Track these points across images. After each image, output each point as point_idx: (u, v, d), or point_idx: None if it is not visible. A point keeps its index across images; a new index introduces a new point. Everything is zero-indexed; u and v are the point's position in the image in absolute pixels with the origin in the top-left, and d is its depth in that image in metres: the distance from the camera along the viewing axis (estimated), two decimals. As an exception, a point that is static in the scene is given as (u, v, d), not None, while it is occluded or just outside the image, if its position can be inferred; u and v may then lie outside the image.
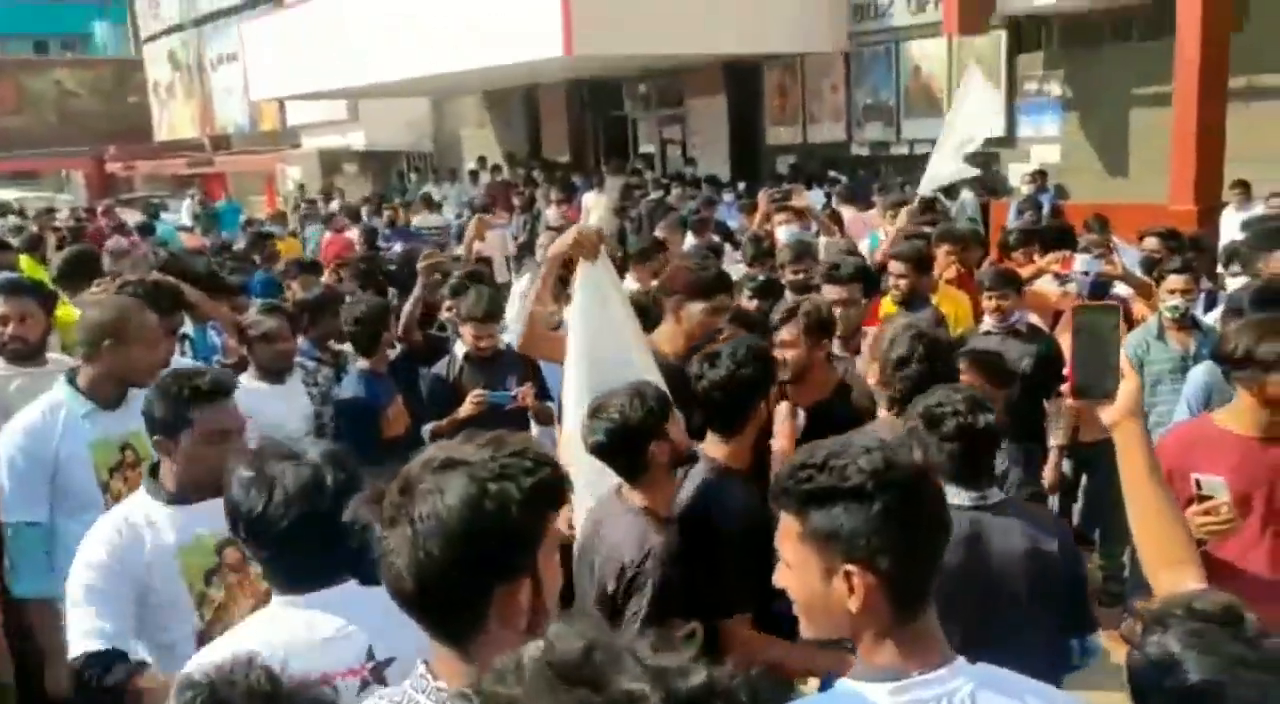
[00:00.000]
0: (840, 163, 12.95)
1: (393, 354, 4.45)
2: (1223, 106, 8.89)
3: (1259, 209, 8.23)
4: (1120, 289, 4.92)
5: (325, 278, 6.39)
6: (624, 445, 2.42)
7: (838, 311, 3.74)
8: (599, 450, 2.45)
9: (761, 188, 8.90)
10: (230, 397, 2.36)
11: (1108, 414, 1.69)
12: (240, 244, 9.82)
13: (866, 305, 4.32)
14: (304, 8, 16.94)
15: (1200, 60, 8.72)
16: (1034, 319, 4.77)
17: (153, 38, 28.30)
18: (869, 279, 4.57)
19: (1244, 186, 8.68)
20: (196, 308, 4.39)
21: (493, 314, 4.32)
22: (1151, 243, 5.61)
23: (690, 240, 7.21)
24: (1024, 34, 11.48)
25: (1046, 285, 5.16)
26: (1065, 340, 4.61)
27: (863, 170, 12.68)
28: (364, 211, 13.42)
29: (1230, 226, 8.02)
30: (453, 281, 4.91)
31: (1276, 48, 9.18)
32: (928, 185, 7.10)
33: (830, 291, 4.12)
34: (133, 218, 15.21)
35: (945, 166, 6.83)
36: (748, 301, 4.48)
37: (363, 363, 4.26)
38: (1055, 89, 11.31)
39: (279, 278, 6.93)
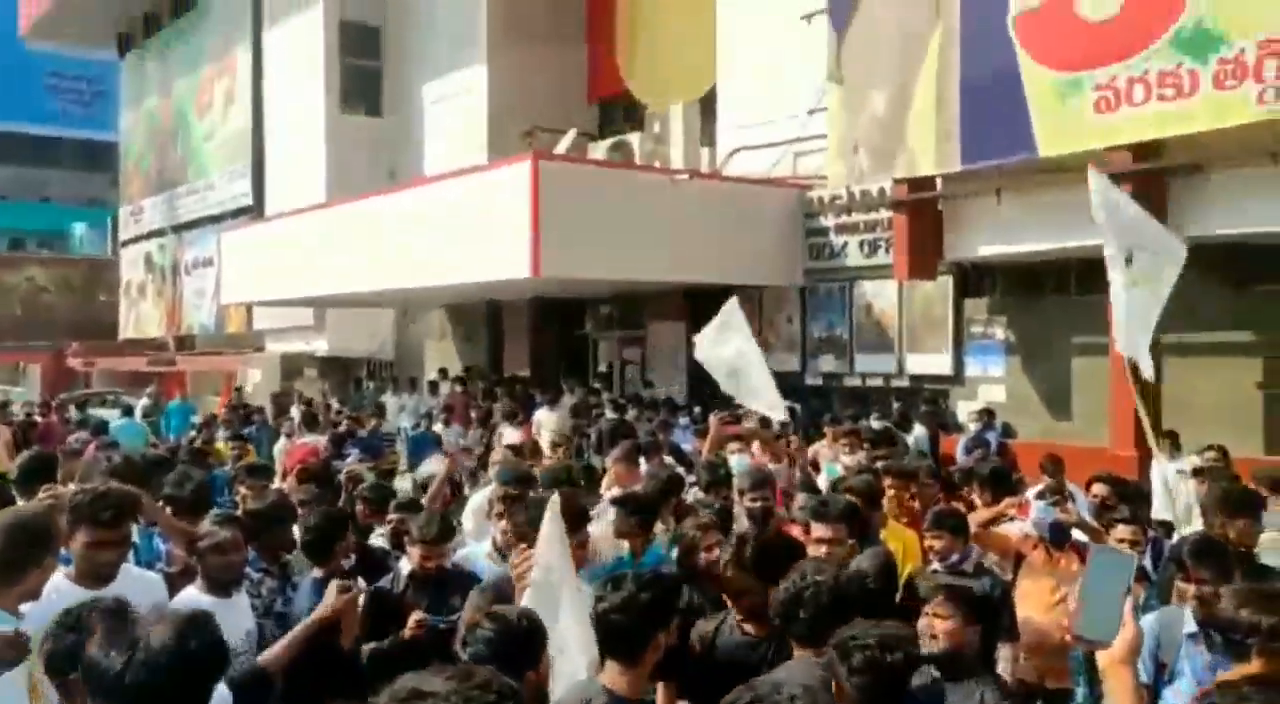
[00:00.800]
0: (795, 392, 13.24)
1: (347, 564, 4.38)
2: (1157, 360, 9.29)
3: (1192, 460, 8.46)
4: (1078, 534, 4.98)
5: (282, 484, 6.33)
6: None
7: (823, 550, 3.76)
8: None
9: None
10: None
11: (1104, 657, 1.71)
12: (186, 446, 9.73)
13: (852, 545, 4.25)
14: (282, 220, 17.54)
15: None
16: (992, 561, 4.80)
17: (132, 240, 28.87)
18: (857, 518, 4.48)
19: (1172, 437, 8.95)
20: (147, 514, 4.31)
21: (444, 535, 4.29)
22: (1100, 489, 5.72)
23: (643, 465, 7.26)
24: (970, 280, 12.05)
25: (1008, 528, 5.19)
26: (1027, 585, 4.67)
27: (816, 400, 12.97)
28: (322, 418, 13.42)
29: (1160, 475, 8.18)
30: (399, 498, 4.90)
31: (1205, 307, 9.71)
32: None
33: (818, 529, 4.10)
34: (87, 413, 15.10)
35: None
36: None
37: (317, 572, 4.18)
38: (1000, 333, 11.79)
39: (229, 479, 6.84)
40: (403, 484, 7.26)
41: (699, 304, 14.84)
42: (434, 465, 5.59)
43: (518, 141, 16.08)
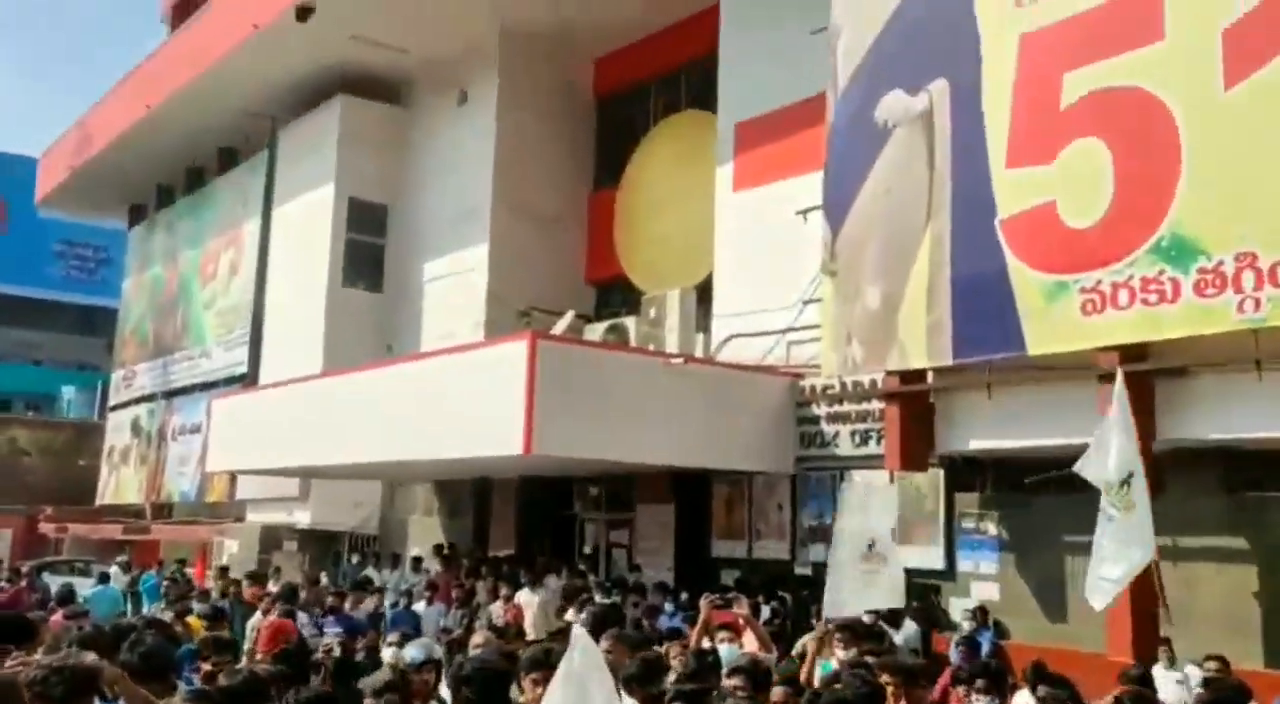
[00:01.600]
0: (784, 581, 13.02)
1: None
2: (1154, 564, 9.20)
3: (1192, 671, 8.28)
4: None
5: (251, 661, 6.12)
6: None
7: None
8: None
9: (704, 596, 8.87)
10: None
11: None
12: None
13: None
14: (274, 389, 17.64)
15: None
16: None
17: (121, 405, 28.89)
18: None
19: (1168, 645, 8.76)
20: (110, 686, 4.17)
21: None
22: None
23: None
24: (962, 473, 12.03)
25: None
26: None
27: (805, 591, 12.72)
28: (305, 594, 13.09)
29: (1162, 685, 7.97)
30: (374, 684, 4.75)
31: (1195, 512, 9.69)
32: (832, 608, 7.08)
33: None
34: (56, 581, 14.75)
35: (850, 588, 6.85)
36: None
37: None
38: (992, 528, 11.67)
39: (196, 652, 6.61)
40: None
41: (686, 488, 14.83)
42: (416, 650, 5.43)
43: (515, 320, 16.39)
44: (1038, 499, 11.29)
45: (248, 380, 21.37)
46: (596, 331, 15.54)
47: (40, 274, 49.35)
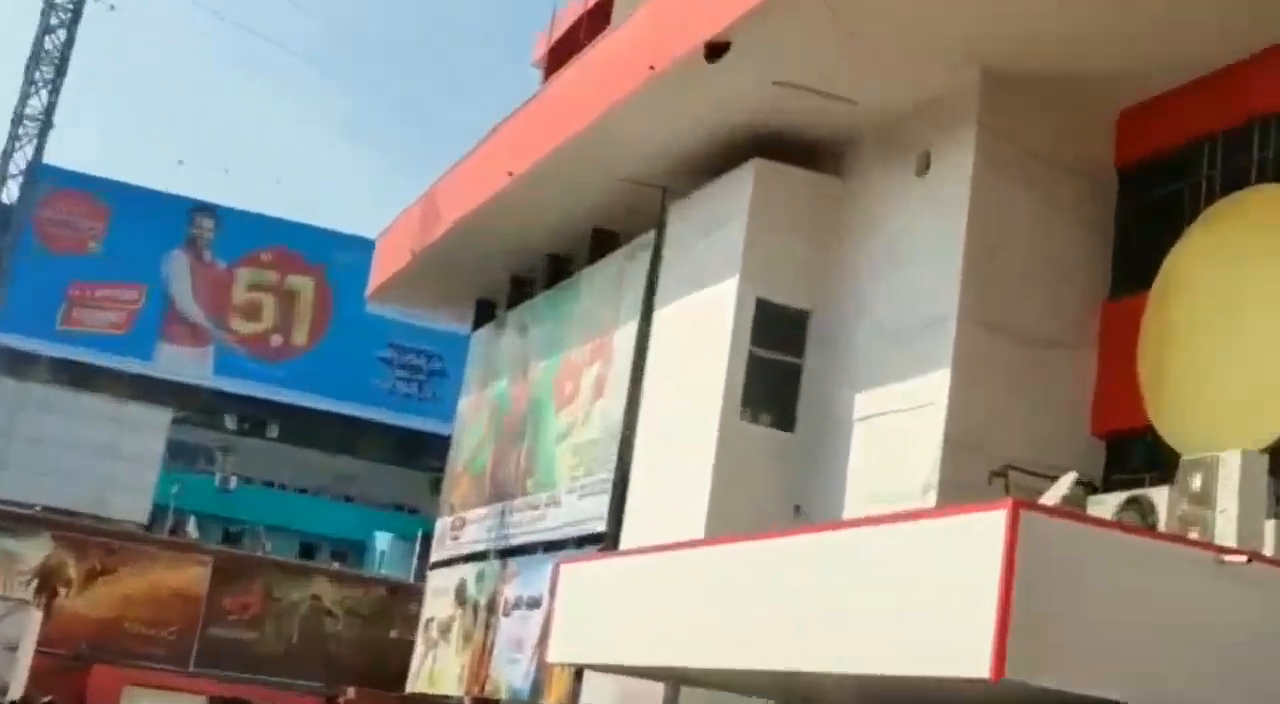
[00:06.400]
0: None
1: None
2: None
3: None
4: None
5: None
6: None
7: None
8: None
9: None
10: None
11: None
12: None
13: None
14: (640, 556, 18.23)
15: None
16: None
17: (444, 563, 31.06)
18: None
19: None
20: None
21: None
22: None
23: None
24: None
25: None
26: None
27: None
28: None
29: None
30: None
31: None
32: None
33: None
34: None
35: None
36: None
37: None
38: None
39: None
40: None
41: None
42: None
43: (985, 483, 16.04)
44: None
45: (606, 542, 22.30)
46: (1107, 506, 14.88)
47: (362, 386, 54.70)
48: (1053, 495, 14.60)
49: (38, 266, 59.87)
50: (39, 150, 55.77)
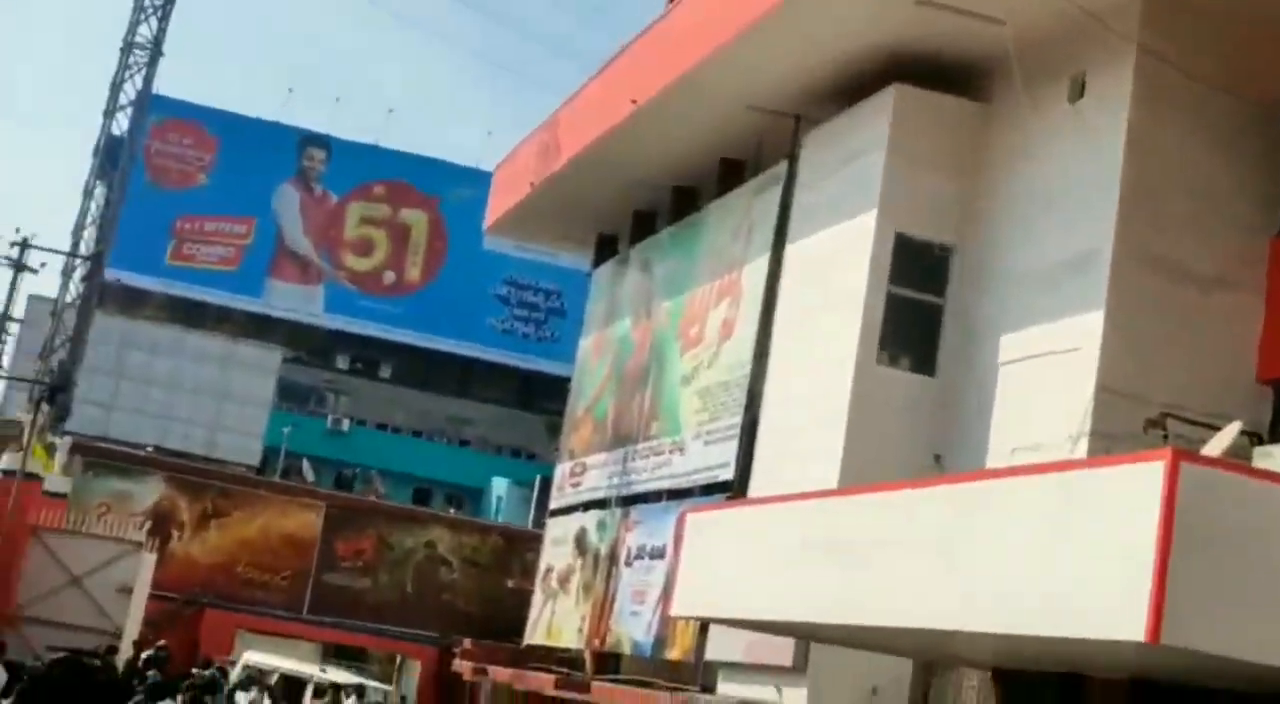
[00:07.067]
0: None
1: None
2: None
3: None
4: None
5: None
6: None
7: None
8: None
9: None
10: None
11: None
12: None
13: None
14: (769, 505, 18.20)
15: None
16: None
17: (564, 510, 31.37)
18: None
19: None
20: None
21: None
22: None
23: None
24: None
25: None
26: None
27: None
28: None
29: None
30: None
31: None
32: None
33: None
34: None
35: None
36: None
37: None
38: None
39: None
40: None
41: None
42: None
43: (1139, 433, 15.78)
44: None
45: (734, 490, 22.33)
46: (1274, 458, 14.56)
47: (477, 326, 55.06)
48: (1215, 446, 14.30)
49: (146, 200, 60.98)
50: (148, 80, 56.59)
